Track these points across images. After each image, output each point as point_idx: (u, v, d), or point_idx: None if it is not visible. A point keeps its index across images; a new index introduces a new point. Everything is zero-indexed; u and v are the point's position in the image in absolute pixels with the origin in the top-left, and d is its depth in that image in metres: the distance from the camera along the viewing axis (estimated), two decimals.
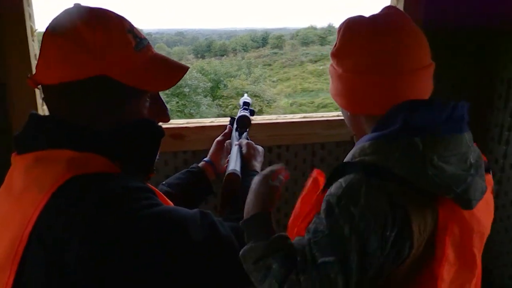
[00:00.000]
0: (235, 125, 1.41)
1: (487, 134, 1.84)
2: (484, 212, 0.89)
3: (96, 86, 0.75)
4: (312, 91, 27.64)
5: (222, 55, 35.64)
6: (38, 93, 1.47)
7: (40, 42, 0.78)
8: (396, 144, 0.82)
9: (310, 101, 25.48)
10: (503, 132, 1.75)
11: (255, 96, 21.21)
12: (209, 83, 23.14)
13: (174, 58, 1.36)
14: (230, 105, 20.97)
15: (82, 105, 0.77)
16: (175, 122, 1.64)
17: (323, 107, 24.50)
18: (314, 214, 0.87)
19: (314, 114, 1.77)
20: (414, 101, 0.86)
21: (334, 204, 0.80)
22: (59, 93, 0.76)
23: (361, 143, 0.88)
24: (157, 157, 0.89)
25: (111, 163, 0.77)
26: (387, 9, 0.92)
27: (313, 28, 39.51)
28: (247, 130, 1.39)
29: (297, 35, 38.84)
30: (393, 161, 0.81)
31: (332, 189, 0.83)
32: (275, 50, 36.02)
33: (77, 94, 0.76)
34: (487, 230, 0.92)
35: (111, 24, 0.78)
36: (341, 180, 0.83)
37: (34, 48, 1.47)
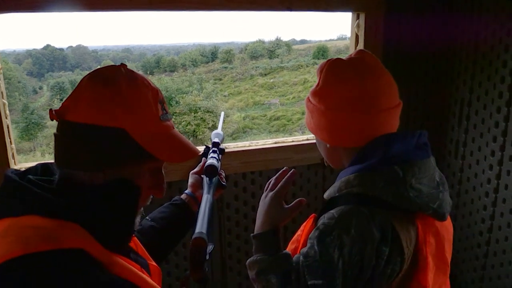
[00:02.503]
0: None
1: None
2: (449, 221, 1.02)
3: (113, 136, 0.77)
4: (263, 104, 28.03)
5: (172, 71, 35.35)
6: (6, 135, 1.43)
7: (77, 84, 0.83)
8: (379, 174, 0.92)
9: (262, 114, 25.81)
10: (459, 148, 1.88)
11: (208, 112, 21.20)
12: None
13: None
14: (183, 121, 20.79)
15: (92, 148, 0.77)
16: None
17: (276, 119, 24.90)
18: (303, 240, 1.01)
19: (285, 139, 1.82)
20: (389, 134, 0.97)
21: (326, 233, 0.90)
22: (79, 132, 0.78)
23: (344, 176, 0.98)
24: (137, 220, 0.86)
25: (85, 231, 0.74)
26: (361, 53, 1.01)
27: (261, 42, 40.13)
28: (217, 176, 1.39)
29: (246, 49, 39.28)
30: (379, 189, 0.91)
31: (325, 219, 0.92)
32: (225, 65, 36.24)
33: (93, 137, 0.77)
34: (452, 236, 1.05)
35: (148, 89, 0.83)
36: (332, 211, 0.93)
37: (1, 86, 1.41)
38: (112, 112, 0.77)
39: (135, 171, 0.81)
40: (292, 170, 1.07)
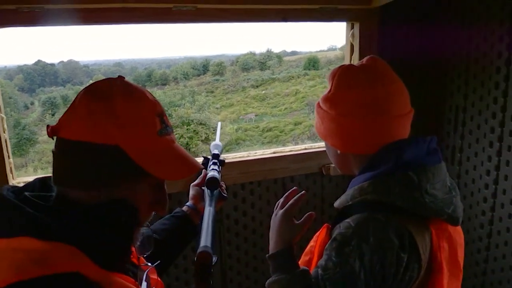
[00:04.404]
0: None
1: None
2: (459, 226, 1.02)
3: (107, 154, 0.74)
4: (256, 115, 28.08)
5: (164, 84, 35.36)
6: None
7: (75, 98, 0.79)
8: (393, 180, 0.92)
9: (255, 125, 25.86)
10: (455, 154, 1.89)
11: (201, 124, 21.20)
12: None
13: None
14: (176, 134, 20.72)
15: (85, 166, 0.75)
16: None
17: (268, 130, 24.95)
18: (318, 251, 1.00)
19: (283, 149, 1.83)
20: (401, 141, 0.97)
21: (344, 243, 0.88)
22: (72, 150, 0.75)
23: (357, 184, 0.97)
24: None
25: (80, 252, 0.70)
26: (373, 60, 1.01)
27: (252, 54, 40.33)
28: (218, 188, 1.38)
29: (237, 61, 39.44)
30: (395, 195, 0.90)
31: (341, 228, 0.91)
32: (217, 77, 36.30)
33: (87, 155, 0.74)
34: (463, 240, 1.04)
35: (144, 103, 0.79)
36: (348, 220, 0.92)
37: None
38: (105, 129, 0.74)
39: (132, 189, 0.78)
40: (303, 191, 1.07)
